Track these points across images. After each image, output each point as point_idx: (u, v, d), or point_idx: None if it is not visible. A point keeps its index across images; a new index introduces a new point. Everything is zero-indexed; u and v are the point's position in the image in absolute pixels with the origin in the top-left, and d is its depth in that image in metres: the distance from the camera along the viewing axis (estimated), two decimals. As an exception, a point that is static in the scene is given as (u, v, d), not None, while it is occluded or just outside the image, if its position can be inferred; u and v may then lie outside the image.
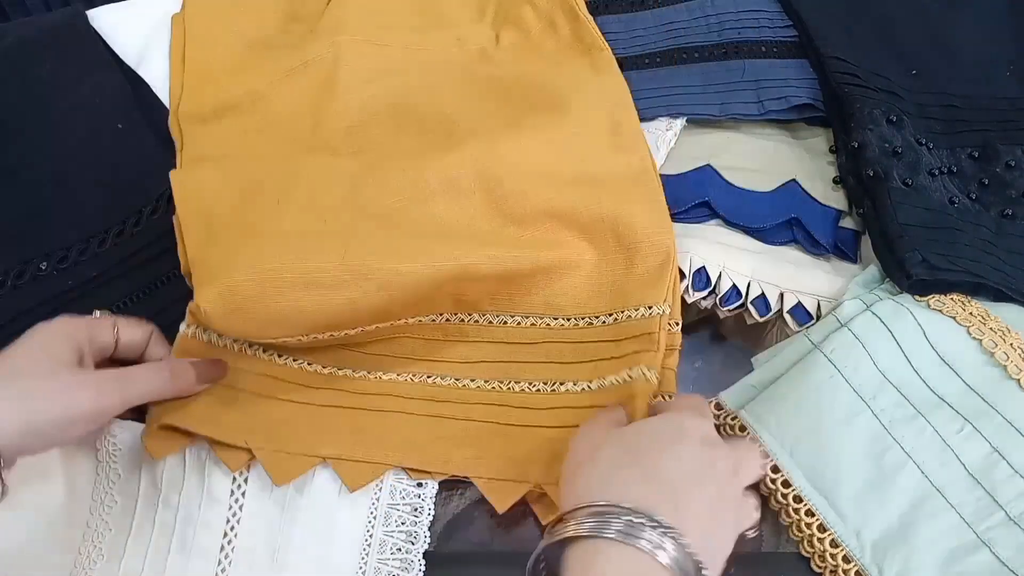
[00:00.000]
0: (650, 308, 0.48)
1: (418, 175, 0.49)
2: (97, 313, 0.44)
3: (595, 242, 0.50)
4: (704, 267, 0.49)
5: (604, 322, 0.49)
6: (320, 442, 0.44)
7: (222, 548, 0.42)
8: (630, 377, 0.45)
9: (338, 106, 0.56)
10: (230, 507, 0.43)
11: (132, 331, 0.44)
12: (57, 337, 0.39)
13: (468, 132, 0.53)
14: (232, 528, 0.43)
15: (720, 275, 0.49)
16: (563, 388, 0.47)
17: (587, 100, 0.54)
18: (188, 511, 0.43)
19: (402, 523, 0.44)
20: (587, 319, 0.49)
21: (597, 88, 0.56)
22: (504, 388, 0.48)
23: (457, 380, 0.48)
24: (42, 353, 0.38)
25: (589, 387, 0.47)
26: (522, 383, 0.48)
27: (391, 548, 0.43)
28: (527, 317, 0.50)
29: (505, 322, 0.50)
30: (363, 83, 0.57)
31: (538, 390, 0.47)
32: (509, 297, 0.50)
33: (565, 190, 0.50)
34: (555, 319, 0.49)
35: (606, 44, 0.58)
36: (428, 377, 0.48)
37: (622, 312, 0.48)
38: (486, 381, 0.48)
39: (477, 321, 0.50)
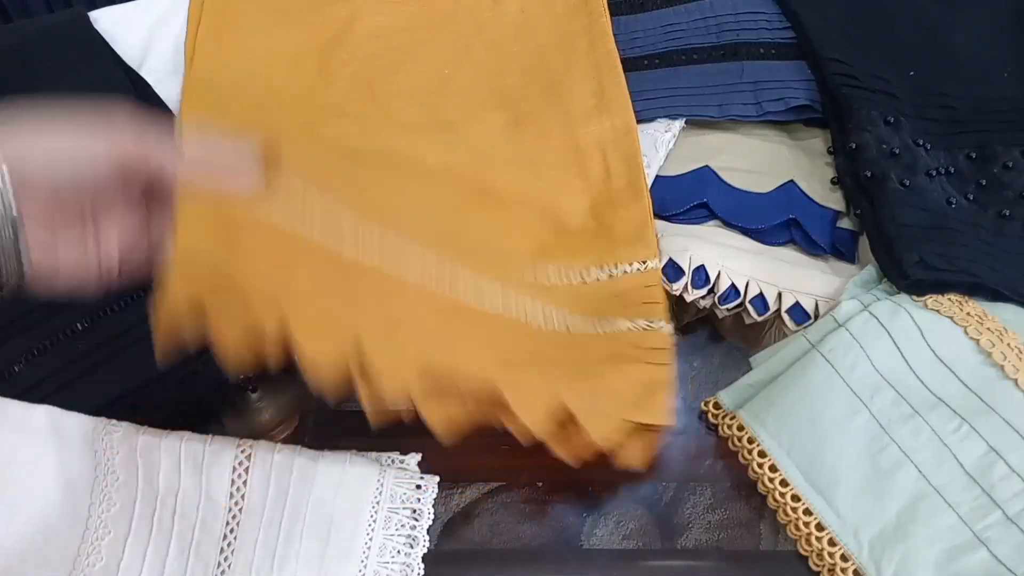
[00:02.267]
0: (644, 263, 0.49)
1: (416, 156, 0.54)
2: None
3: (571, 208, 0.53)
4: (703, 265, 0.49)
5: (598, 278, 0.49)
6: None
7: (221, 551, 0.42)
8: (649, 325, 0.46)
9: (344, 55, 0.59)
10: (229, 509, 0.43)
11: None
12: None
13: (458, 109, 0.57)
14: (232, 531, 0.43)
15: (719, 274, 0.49)
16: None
17: (577, 73, 0.58)
18: (186, 512, 0.43)
19: (402, 526, 0.44)
20: (579, 272, 0.50)
21: (589, 62, 0.58)
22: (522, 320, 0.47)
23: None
24: None
25: (597, 325, 0.47)
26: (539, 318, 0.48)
27: (391, 551, 0.43)
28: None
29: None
30: (371, 37, 0.60)
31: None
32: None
33: (547, 171, 0.54)
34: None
35: (607, 11, 0.61)
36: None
37: (615, 267, 0.50)
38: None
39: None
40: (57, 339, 0.47)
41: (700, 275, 0.49)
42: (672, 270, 0.49)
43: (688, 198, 0.53)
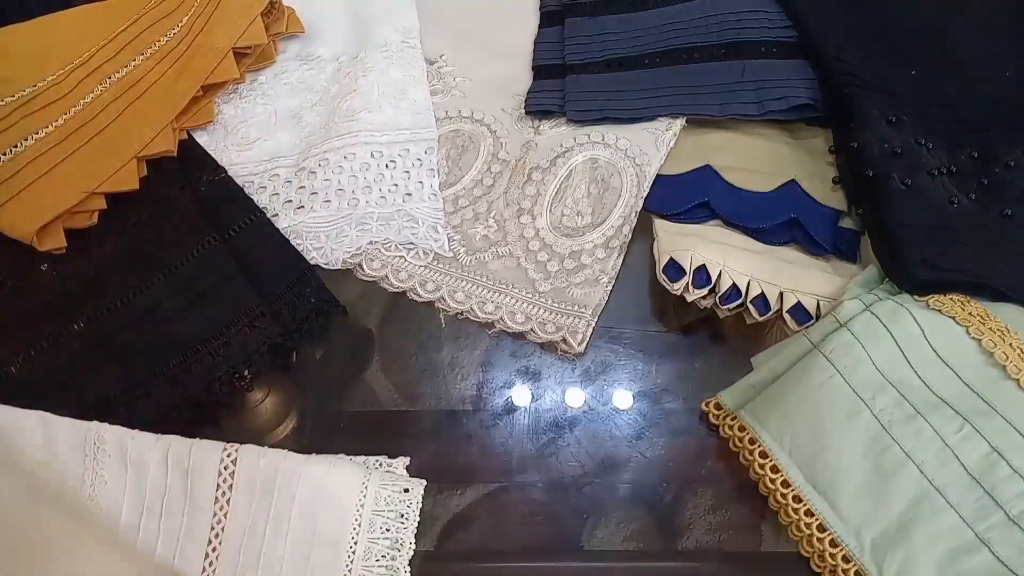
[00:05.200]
0: None
1: None
2: None
3: None
4: (704, 265, 0.49)
5: None
6: None
7: (206, 556, 0.42)
8: None
9: None
10: (214, 514, 0.43)
11: None
12: None
13: None
14: (216, 536, 0.43)
15: (720, 274, 0.49)
16: None
17: None
18: (172, 518, 0.43)
19: (387, 529, 0.43)
20: None
21: None
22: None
23: None
24: None
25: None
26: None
27: (376, 555, 0.43)
28: None
29: None
30: None
31: None
32: None
33: None
34: None
35: None
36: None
37: None
38: None
39: None
40: (54, 340, 0.47)
41: (702, 275, 0.49)
42: (673, 270, 0.49)
43: (689, 197, 0.53)
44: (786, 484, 0.43)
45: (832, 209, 0.53)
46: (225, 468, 0.43)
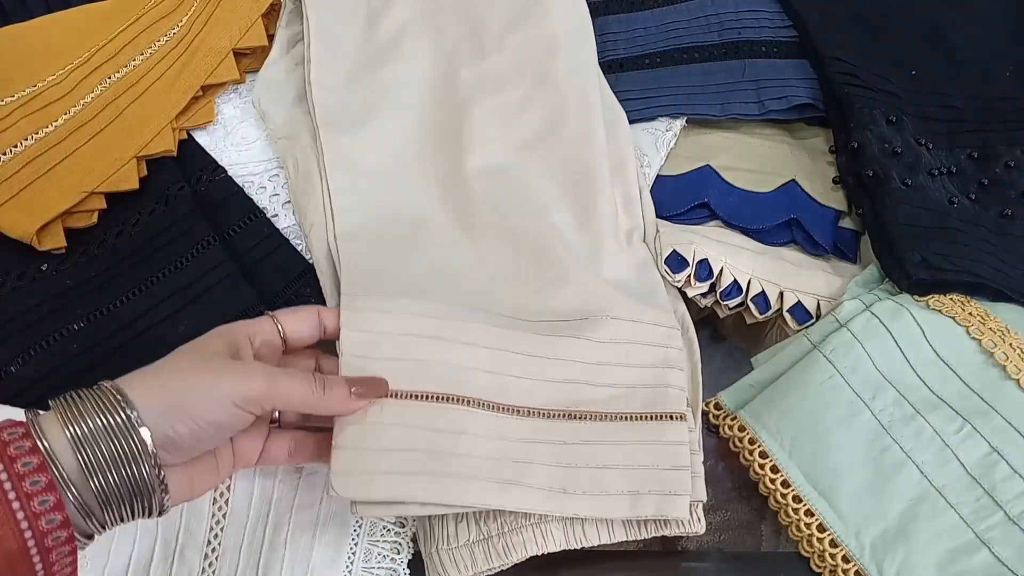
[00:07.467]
0: None
1: None
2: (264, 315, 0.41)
3: None
4: (707, 259, 0.48)
5: None
6: None
7: (205, 556, 0.42)
8: None
9: None
10: (213, 515, 0.43)
11: (297, 324, 0.41)
12: (214, 336, 0.38)
13: None
14: (215, 536, 0.43)
15: (722, 270, 0.49)
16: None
17: None
18: (169, 518, 0.43)
19: (387, 531, 0.43)
20: None
21: None
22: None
23: None
24: (196, 349, 0.37)
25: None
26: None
27: (376, 556, 0.43)
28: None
29: None
30: None
31: None
32: None
33: None
34: None
35: None
36: None
37: None
38: None
39: None
40: (53, 340, 0.47)
41: (703, 268, 0.49)
42: (676, 261, 0.49)
43: (689, 198, 0.53)
44: (786, 484, 0.43)
45: (832, 209, 0.53)
46: None
